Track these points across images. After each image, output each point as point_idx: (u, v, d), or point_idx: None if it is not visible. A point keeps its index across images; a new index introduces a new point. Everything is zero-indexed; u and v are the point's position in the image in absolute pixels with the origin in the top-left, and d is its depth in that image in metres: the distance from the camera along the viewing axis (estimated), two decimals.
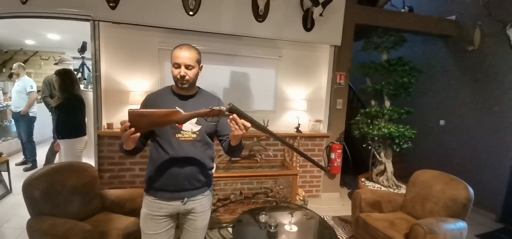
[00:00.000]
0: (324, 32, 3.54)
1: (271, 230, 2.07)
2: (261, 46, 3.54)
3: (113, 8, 2.83)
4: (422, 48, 4.84)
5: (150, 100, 1.41)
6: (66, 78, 2.88)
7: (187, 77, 1.32)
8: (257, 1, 3.22)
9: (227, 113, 1.20)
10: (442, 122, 4.48)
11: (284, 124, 3.77)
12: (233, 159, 3.32)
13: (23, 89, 4.10)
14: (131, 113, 1.13)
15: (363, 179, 3.87)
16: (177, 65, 1.31)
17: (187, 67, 1.31)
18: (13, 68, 4.23)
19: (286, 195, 3.37)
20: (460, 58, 4.23)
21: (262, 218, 2.20)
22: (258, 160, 3.40)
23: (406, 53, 3.83)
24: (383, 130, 3.43)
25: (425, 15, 4.34)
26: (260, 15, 3.26)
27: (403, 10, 4.73)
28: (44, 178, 2.05)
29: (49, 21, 3.01)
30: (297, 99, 3.71)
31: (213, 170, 1.54)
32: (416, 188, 2.67)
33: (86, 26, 2.92)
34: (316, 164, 1.60)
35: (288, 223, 2.21)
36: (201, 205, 1.46)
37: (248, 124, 1.20)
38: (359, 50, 4.09)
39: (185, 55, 1.31)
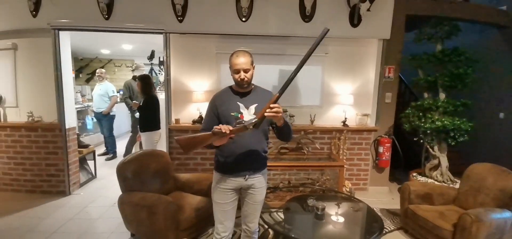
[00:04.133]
0: (372, 27, 3.55)
1: (319, 213, 2.30)
2: (307, 44, 3.59)
3: (180, 21, 3.35)
4: (476, 37, 4.51)
5: (218, 98, 1.76)
6: (147, 82, 3.54)
7: (246, 79, 1.65)
8: (304, 2, 3.42)
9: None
10: (501, 115, 4.13)
11: (330, 118, 3.90)
12: (281, 151, 3.59)
13: (105, 93, 4.93)
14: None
15: (414, 174, 3.79)
16: (237, 71, 1.64)
17: (245, 71, 1.63)
18: (98, 71, 5.00)
19: (332, 186, 3.52)
20: None
21: (310, 201, 2.44)
22: (306, 152, 3.60)
23: (459, 42, 3.63)
24: (436, 123, 3.34)
25: (479, 4, 4.08)
26: (307, 16, 3.46)
27: None
28: (134, 162, 2.61)
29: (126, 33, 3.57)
30: (344, 94, 3.80)
31: (268, 154, 1.86)
32: (470, 181, 2.62)
33: (154, 37, 3.51)
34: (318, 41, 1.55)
35: (335, 213, 2.42)
36: (259, 181, 1.79)
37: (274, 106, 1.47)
38: (410, 41, 3.98)
39: (242, 61, 1.62)
